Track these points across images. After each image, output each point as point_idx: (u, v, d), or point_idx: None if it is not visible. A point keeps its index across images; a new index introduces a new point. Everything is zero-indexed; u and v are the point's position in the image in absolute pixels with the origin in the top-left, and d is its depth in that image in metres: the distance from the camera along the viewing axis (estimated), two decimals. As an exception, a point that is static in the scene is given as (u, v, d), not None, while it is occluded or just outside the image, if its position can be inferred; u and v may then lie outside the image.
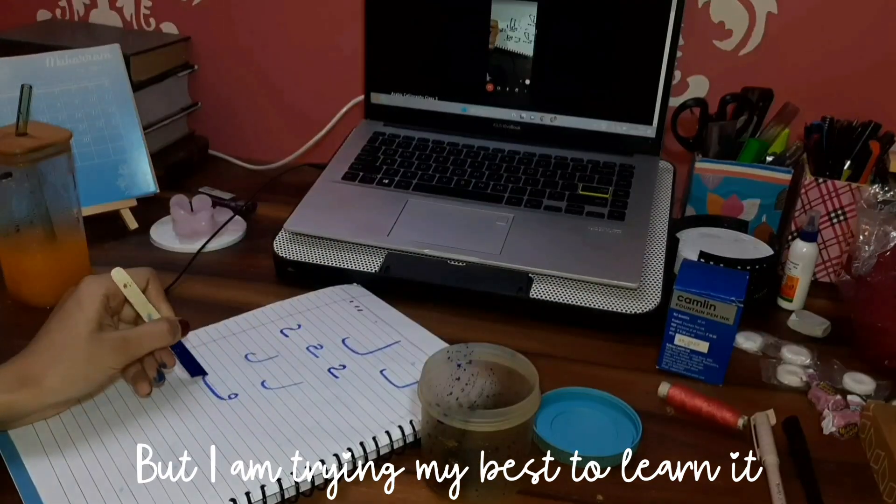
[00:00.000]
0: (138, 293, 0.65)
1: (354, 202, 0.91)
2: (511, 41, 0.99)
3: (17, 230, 0.78)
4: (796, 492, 0.61)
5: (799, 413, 0.69)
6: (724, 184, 0.95)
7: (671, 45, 0.94)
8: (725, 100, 0.97)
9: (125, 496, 0.55)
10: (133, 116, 0.98)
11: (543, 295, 0.81)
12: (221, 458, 0.59)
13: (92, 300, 0.61)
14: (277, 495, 0.57)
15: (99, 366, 0.60)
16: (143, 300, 0.66)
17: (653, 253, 0.84)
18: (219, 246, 0.95)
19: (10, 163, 0.74)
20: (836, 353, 0.78)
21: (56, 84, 0.94)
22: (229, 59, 1.21)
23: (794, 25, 1.02)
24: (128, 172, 0.97)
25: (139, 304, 0.66)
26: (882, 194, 0.84)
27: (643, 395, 0.71)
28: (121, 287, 0.64)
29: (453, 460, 0.57)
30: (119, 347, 0.61)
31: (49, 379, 0.58)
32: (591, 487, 0.60)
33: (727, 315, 0.70)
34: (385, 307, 0.81)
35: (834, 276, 0.92)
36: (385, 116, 1.06)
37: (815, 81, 1.03)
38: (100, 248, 0.91)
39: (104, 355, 0.60)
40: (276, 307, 0.80)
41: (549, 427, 0.66)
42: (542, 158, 0.98)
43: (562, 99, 1.00)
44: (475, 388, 0.63)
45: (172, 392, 0.67)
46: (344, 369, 0.70)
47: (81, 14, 1.23)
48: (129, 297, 0.65)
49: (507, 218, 0.88)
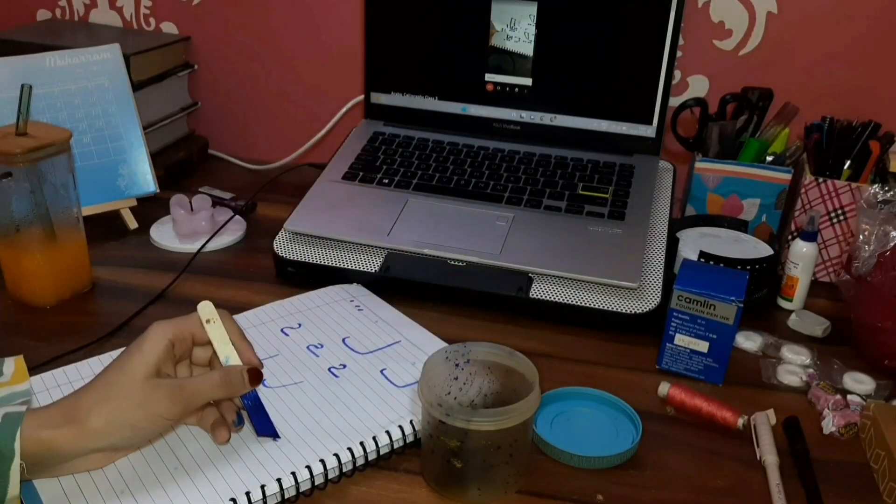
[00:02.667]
0: (222, 332, 0.60)
1: (354, 202, 0.91)
2: (511, 41, 0.99)
3: (17, 230, 0.78)
4: (796, 491, 0.61)
5: (799, 413, 0.69)
6: (724, 184, 0.95)
7: (671, 44, 0.94)
8: (725, 100, 0.97)
9: (125, 498, 0.55)
10: (133, 116, 0.98)
11: (543, 295, 0.81)
12: (221, 457, 0.59)
13: (154, 343, 0.57)
14: (277, 495, 0.57)
15: (149, 413, 0.55)
16: (225, 339, 0.60)
17: (653, 253, 0.84)
18: (219, 246, 0.95)
19: (10, 163, 0.74)
20: (836, 353, 0.78)
21: (56, 84, 0.94)
22: (229, 58, 1.21)
23: (794, 25, 1.02)
24: (128, 172, 0.97)
25: (220, 343, 0.60)
26: (882, 194, 0.84)
27: (643, 394, 0.71)
28: (203, 322, 0.60)
29: (455, 460, 0.57)
30: (174, 396, 0.56)
31: (93, 419, 0.53)
32: (591, 487, 0.60)
33: (727, 315, 0.70)
34: (385, 307, 0.81)
35: (834, 275, 0.92)
36: (385, 116, 1.06)
37: (815, 81, 1.03)
38: (100, 247, 0.91)
39: (156, 402, 0.55)
40: (277, 306, 0.80)
41: (549, 427, 0.66)
42: (542, 158, 0.98)
43: (562, 99, 1.00)
44: (473, 387, 0.63)
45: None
46: (344, 369, 0.70)
47: (81, 14, 1.23)
48: (211, 335, 0.60)
49: (507, 218, 0.88)
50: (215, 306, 0.61)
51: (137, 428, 0.55)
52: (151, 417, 0.55)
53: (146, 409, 0.55)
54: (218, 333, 0.60)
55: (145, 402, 0.55)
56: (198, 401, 0.58)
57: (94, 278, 0.86)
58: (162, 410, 0.55)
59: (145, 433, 0.57)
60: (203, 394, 0.57)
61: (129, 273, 0.88)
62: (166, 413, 0.55)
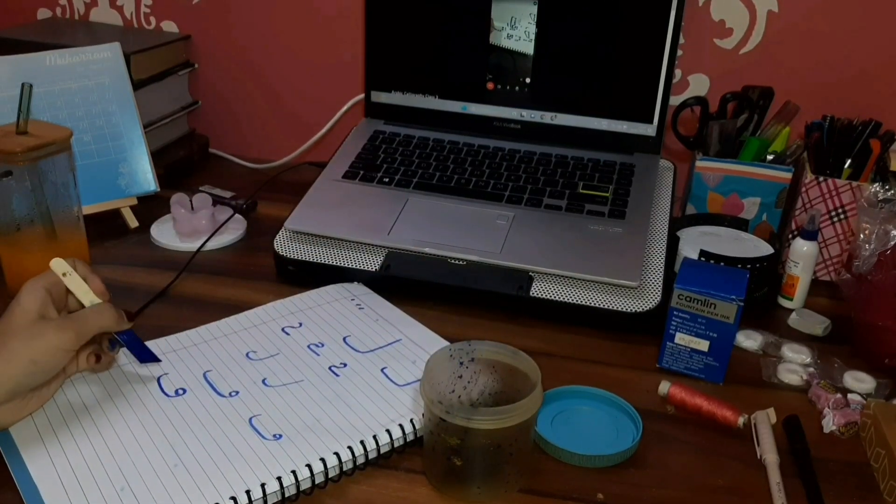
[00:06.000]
0: (80, 282, 0.64)
1: (355, 201, 0.91)
2: (511, 39, 0.99)
3: (17, 229, 0.78)
4: (796, 490, 0.61)
5: (799, 412, 0.69)
6: (724, 182, 0.95)
7: (672, 43, 0.94)
8: (726, 98, 0.97)
9: (126, 495, 0.55)
10: (133, 115, 0.98)
11: (544, 293, 0.81)
12: (222, 455, 0.59)
13: (30, 293, 0.61)
14: (278, 493, 0.57)
15: (44, 345, 0.59)
16: (85, 288, 0.64)
17: (653, 251, 0.84)
18: (219, 244, 0.95)
19: (10, 161, 0.74)
20: (836, 352, 0.78)
21: (56, 82, 0.94)
22: (229, 57, 1.21)
23: (794, 24, 1.02)
24: (128, 171, 0.97)
25: (81, 291, 0.64)
26: (882, 193, 0.84)
27: (643, 393, 0.71)
28: (60, 276, 0.63)
29: (455, 458, 0.57)
30: (62, 325, 0.60)
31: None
32: (592, 486, 0.61)
33: (727, 314, 0.70)
34: (386, 305, 0.81)
35: (834, 274, 0.92)
36: (385, 115, 1.06)
37: (816, 80, 1.03)
38: (100, 246, 0.92)
39: (48, 335, 0.59)
40: (278, 305, 0.80)
41: (549, 426, 0.66)
42: (542, 157, 0.98)
43: (562, 97, 1.00)
44: (477, 385, 0.63)
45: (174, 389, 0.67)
46: (345, 367, 0.70)
47: (82, 12, 1.23)
48: (70, 286, 0.64)
49: (508, 216, 0.88)
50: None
51: (36, 361, 0.59)
52: (46, 349, 0.59)
53: (39, 343, 0.58)
54: (76, 284, 0.64)
55: (38, 335, 0.59)
56: (86, 328, 0.61)
57: (95, 277, 0.86)
58: (55, 341, 0.59)
59: (44, 366, 0.59)
60: (90, 322, 0.62)
61: (130, 271, 0.88)
62: (59, 342, 0.59)
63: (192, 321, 0.76)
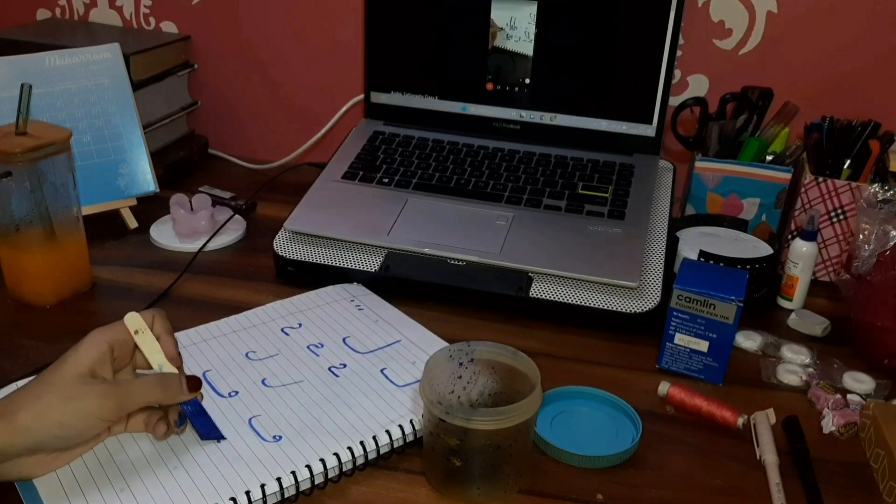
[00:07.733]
0: (152, 341, 0.60)
1: (354, 201, 0.91)
2: (511, 40, 0.99)
3: (16, 229, 0.78)
4: (796, 491, 0.61)
5: (799, 412, 0.69)
6: (723, 183, 0.95)
7: (671, 44, 0.94)
8: (725, 99, 0.97)
9: (125, 496, 0.55)
10: (133, 115, 0.98)
11: (543, 294, 0.81)
12: (221, 456, 0.59)
13: (90, 346, 0.57)
14: (277, 494, 0.57)
15: (78, 410, 0.54)
16: (156, 348, 0.60)
17: (652, 252, 0.84)
18: (219, 245, 0.95)
19: (9, 162, 0.74)
20: (835, 353, 0.78)
21: (56, 83, 0.94)
22: (229, 58, 1.21)
23: (794, 24, 1.02)
24: (128, 171, 0.97)
25: (151, 351, 0.59)
26: (882, 193, 0.84)
27: (643, 394, 0.71)
28: (131, 333, 0.59)
29: (454, 458, 0.57)
30: (105, 393, 0.55)
31: (21, 415, 0.53)
32: (591, 487, 0.61)
33: (727, 314, 0.70)
34: (386, 306, 0.81)
35: (834, 275, 0.92)
36: (385, 115, 1.06)
37: (815, 80, 1.03)
38: (100, 247, 0.91)
39: (86, 399, 0.54)
40: (277, 306, 0.80)
41: (548, 426, 0.66)
42: (541, 158, 0.98)
43: (562, 98, 1.00)
44: (477, 386, 0.63)
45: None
46: (344, 368, 0.70)
47: (81, 13, 1.23)
48: (141, 345, 0.59)
49: (507, 217, 0.88)
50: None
51: (66, 426, 0.54)
52: (80, 415, 0.54)
53: (75, 406, 0.54)
54: (147, 344, 0.60)
55: (74, 398, 0.54)
56: (131, 401, 0.56)
57: (94, 278, 0.86)
58: (92, 408, 0.54)
59: (74, 432, 0.55)
60: (137, 395, 0.56)
61: (130, 272, 0.88)
62: (97, 411, 0.54)
63: (191, 321, 0.76)
